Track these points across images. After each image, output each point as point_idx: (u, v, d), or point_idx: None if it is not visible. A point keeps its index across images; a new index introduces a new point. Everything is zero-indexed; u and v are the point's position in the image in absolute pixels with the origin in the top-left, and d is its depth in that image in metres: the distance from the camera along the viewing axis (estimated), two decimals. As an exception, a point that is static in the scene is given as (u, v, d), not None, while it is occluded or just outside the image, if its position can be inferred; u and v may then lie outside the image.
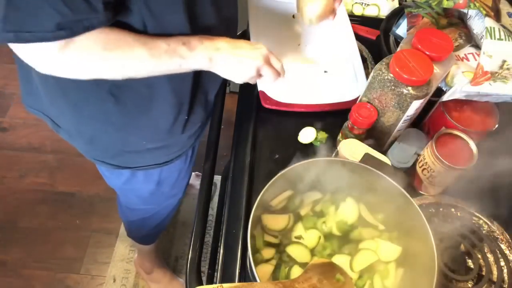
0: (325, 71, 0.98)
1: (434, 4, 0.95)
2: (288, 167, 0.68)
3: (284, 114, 0.94)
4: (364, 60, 1.02)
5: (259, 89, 0.95)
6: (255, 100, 0.96)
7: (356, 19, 1.14)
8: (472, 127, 0.82)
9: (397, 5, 1.16)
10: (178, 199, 1.23)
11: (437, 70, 0.76)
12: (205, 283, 0.77)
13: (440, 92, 0.85)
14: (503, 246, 0.77)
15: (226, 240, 0.78)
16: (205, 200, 0.84)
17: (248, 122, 0.94)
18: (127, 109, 0.80)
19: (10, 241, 1.67)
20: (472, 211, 0.81)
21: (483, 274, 0.74)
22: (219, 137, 0.94)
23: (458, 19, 0.96)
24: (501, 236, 0.78)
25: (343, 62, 1.00)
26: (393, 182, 0.68)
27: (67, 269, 1.63)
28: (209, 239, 0.92)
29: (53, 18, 0.58)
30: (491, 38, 0.82)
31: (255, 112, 0.95)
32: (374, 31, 1.10)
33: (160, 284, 1.58)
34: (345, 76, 0.98)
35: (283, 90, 0.94)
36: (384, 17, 1.12)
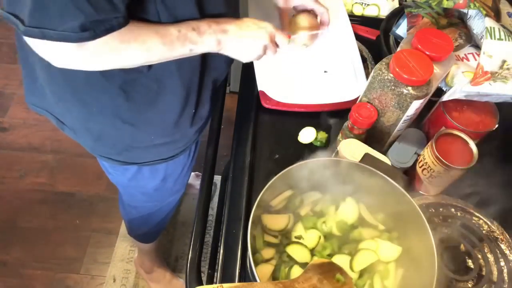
0: (325, 71, 0.98)
1: (434, 4, 0.96)
2: (288, 167, 0.68)
3: (284, 114, 0.94)
4: (364, 60, 1.02)
5: (259, 89, 0.95)
6: (255, 100, 0.96)
7: (356, 19, 1.14)
8: (472, 127, 0.82)
9: (397, 5, 1.16)
10: (181, 195, 1.23)
11: (437, 70, 0.76)
12: (205, 283, 0.77)
13: (440, 92, 0.85)
14: (503, 246, 0.77)
15: (226, 240, 0.78)
16: (205, 200, 0.84)
17: (248, 122, 0.94)
18: (136, 103, 0.81)
19: (10, 241, 1.67)
20: (472, 211, 0.81)
21: (483, 274, 0.74)
22: (219, 137, 0.94)
23: (458, 19, 0.96)
24: (501, 236, 0.78)
25: (343, 62, 1.00)
26: (393, 182, 0.68)
27: (67, 269, 1.63)
28: (209, 239, 0.92)
29: (77, 17, 0.58)
30: (491, 38, 0.82)
31: (255, 112, 0.95)
32: (374, 31, 1.10)
33: (160, 284, 1.58)
34: (345, 76, 0.98)
35: (283, 90, 0.94)
36: (384, 17, 1.12)
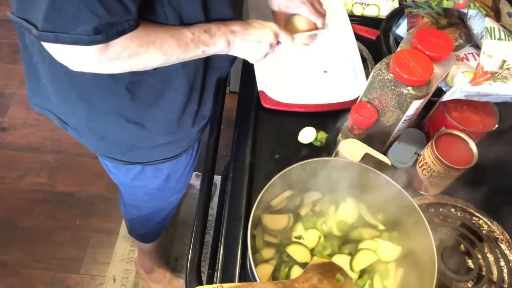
0: (325, 71, 0.98)
1: (434, 4, 0.95)
2: (288, 167, 0.68)
3: (284, 114, 0.94)
4: (364, 60, 1.02)
5: (259, 89, 0.95)
6: (255, 100, 0.96)
7: (356, 19, 1.14)
8: (472, 127, 0.82)
9: (397, 5, 1.16)
10: (182, 194, 1.24)
11: (437, 70, 0.76)
12: (205, 283, 0.77)
13: (440, 92, 0.85)
14: (503, 246, 0.77)
15: (226, 240, 0.78)
16: (205, 200, 0.84)
17: (248, 122, 0.94)
18: (141, 103, 0.81)
19: (10, 241, 1.67)
20: (472, 211, 0.81)
21: (483, 274, 0.74)
22: (219, 137, 0.94)
23: (458, 19, 0.96)
24: (501, 236, 0.78)
25: (343, 62, 1.00)
26: (393, 182, 0.68)
27: (67, 269, 1.63)
28: (209, 239, 0.92)
29: (91, 21, 0.59)
30: (491, 38, 0.82)
31: (255, 112, 0.95)
32: (374, 31, 1.10)
33: (160, 284, 1.58)
34: (345, 76, 0.97)
35: (283, 90, 0.94)
36: (384, 17, 1.12)
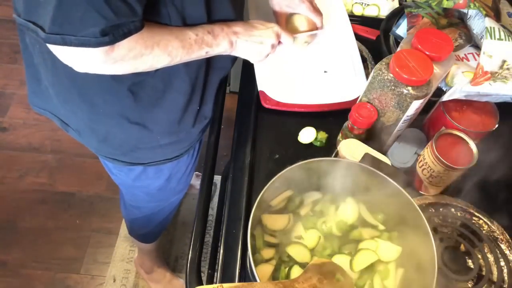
0: (325, 71, 0.98)
1: (434, 4, 0.96)
2: (288, 167, 0.68)
3: (284, 114, 0.94)
4: (364, 60, 1.02)
5: (259, 89, 0.95)
6: (255, 100, 0.96)
7: (356, 19, 1.14)
8: (472, 127, 0.82)
9: (397, 5, 1.16)
10: (183, 195, 1.24)
11: (437, 70, 0.76)
12: (205, 283, 0.77)
13: (440, 92, 0.85)
14: (503, 246, 0.77)
15: (226, 240, 0.78)
16: (205, 200, 0.84)
17: (248, 122, 0.94)
18: (143, 103, 0.81)
19: (10, 241, 1.67)
20: (472, 211, 0.81)
21: (483, 274, 0.74)
22: (219, 137, 0.94)
23: (458, 19, 0.97)
24: (501, 236, 0.78)
25: (343, 62, 1.00)
26: (393, 182, 0.68)
27: (67, 269, 1.63)
28: (209, 239, 0.92)
29: (99, 23, 0.59)
30: (491, 38, 0.82)
31: (255, 112, 0.95)
32: (374, 31, 1.10)
33: (160, 284, 1.58)
34: (345, 76, 0.97)
35: (283, 90, 0.94)
36: (384, 17, 1.12)
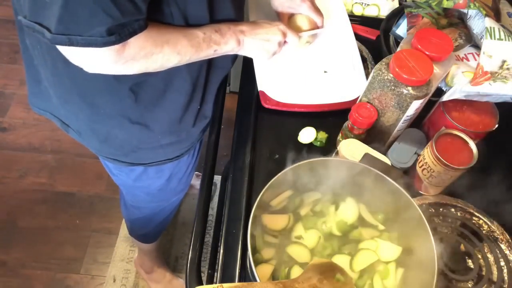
0: (325, 71, 0.98)
1: (434, 4, 0.96)
2: (288, 167, 0.68)
3: (284, 114, 0.94)
4: (364, 60, 1.02)
5: (259, 89, 0.95)
6: (255, 100, 0.96)
7: (356, 19, 1.14)
8: (472, 127, 0.81)
9: (397, 5, 1.16)
10: (183, 195, 1.24)
11: (437, 70, 0.76)
12: (205, 283, 0.77)
13: (440, 92, 0.85)
14: (503, 246, 0.77)
15: (226, 240, 0.78)
16: (205, 200, 0.84)
17: (248, 122, 0.94)
18: (144, 103, 0.81)
19: (10, 241, 1.67)
20: (472, 211, 0.81)
21: (483, 274, 0.74)
22: (219, 137, 0.94)
23: (458, 19, 0.96)
24: (501, 236, 0.78)
25: (343, 62, 1.00)
26: (393, 182, 0.68)
27: (67, 269, 1.63)
28: (209, 239, 0.92)
29: (105, 22, 0.58)
30: (491, 38, 0.82)
31: (255, 112, 0.95)
32: (374, 31, 1.10)
33: (160, 284, 1.58)
34: (345, 76, 0.97)
35: (283, 90, 0.94)
36: (384, 17, 1.12)
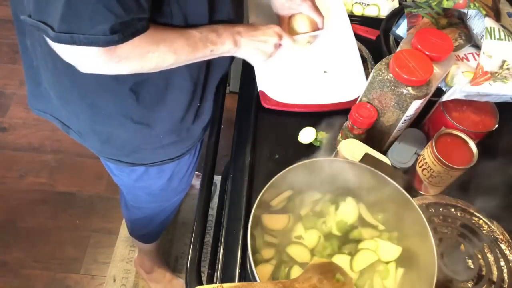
0: (325, 71, 0.98)
1: (434, 4, 0.95)
2: (288, 167, 0.68)
3: (284, 114, 0.94)
4: (364, 60, 1.02)
5: (259, 89, 0.95)
6: (255, 100, 0.96)
7: (356, 19, 1.14)
8: (472, 127, 0.81)
9: (397, 5, 1.16)
10: (184, 195, 1.24)
11: (437, 70, 0.76)
12: (205, 283, 0.77)
13: (440, 92, 0.85)
14: (503, 246, 0.77)
15: (226, 240, 0.78)
16: (205, 200, 0.84)
17: (248, 122, 0.94)
18: (145, 102, 0.81)
19: (10, 241, 1.67)
20: (472, 211, 0.81)
21: (483, 274, 0.74)
22: (219, 137, 0.94)
23: (458, 19, 0.96)
24: (501, 236, 0.78)
25: (343, 62, 1.00)
26: (393, 182, 0.68)
27: (67, 269, 1.63)
28: (209, 239, 0.92)
29: (108, 20, 0.58)
30: (491, 38, 0.82)
31: (255, 112, 0.95)
32: (374, 31, 1.10)
33: (160, 284, 1.58)
34: (345, 76, 0.97)
35: (283, 90, 0.94)
36: (384, 17, 1.12)
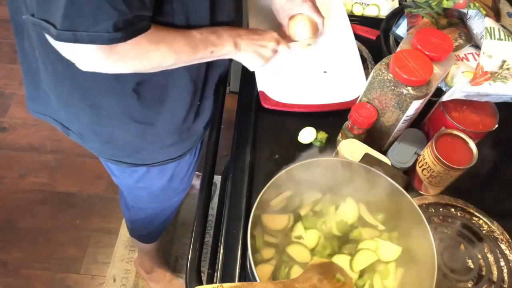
0: (325, 71, 0.98)
1: (434, 4, 0.96)
2: (288, 167, 0.68)
3: (284, 114, 0.94)
4: (364, 60, 1.02)
5: (259, 89, 0.95)
6: (255, 100, 0.96)
7: (356, 19, 1.14)
8: (472, 127, 0.81)
9: (397, 5, 1.16)
10: (185, 195, 1.24)
11: (437, 70, 0.76)
12: (205, 283, 0.77)
13: (440, 92, 0.85)
14: (503, 246, 0.77)
15: (226, 240, 0.78)
16: (205, 200, 0.84)
17: (248, 122, 0.94)
18: (147, 102, 0.81)
19: (10, 241, 1.67)
20: (472, 211, 0.81)
21: (483, 274, 0.74)
22: (219, 137, 0.94)
23: (458, 19, 0.96)
24: (501, 236, 0.78)
25: (343, 62, 1.00)
26: (393, 182, 0.68)
27: (67, 269, 1.63)
28: (209, 239, 0.92)
29: (111, 16, 0.57)
30: (491, 38, 0.82)
31: (255, 112, 0.95)
32: (374, 31, 1.10)
33: (160, 284, 1.58)
34: (345, 76, 0.97)
35: (283, 90, 0.94)
36: (384, 17, 1.12)
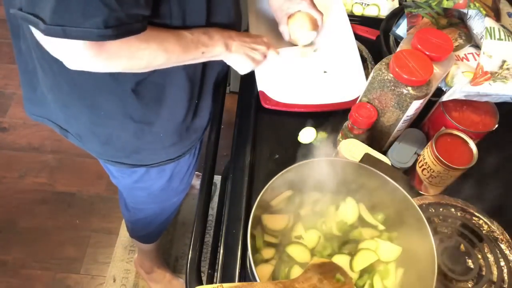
0: (325, 71, 0.98)
1: (434, 4, 0.96)
2: (288, 167, 0.68)
3: (284, 114, 0.94)
4: (364, 60, 1.02)
5: (259, 89, 0.95)
6: (255, 100, 0.96)
7: (356, 19, 1.14)
8: (472, 127, 0.81)
9: (397, 5, 1.16)
10: (184, 195, 1.24)
11: (437, 70, 0.76)
12: (205, 283, 0.77)
13: (440, 92, 0.85)
14: (503, 246, 0.77)
15: (226, 240, 0.78)
16: (205, 200, 0.84)
17: (248, 122, 0.94)
18: (145, 101, 0.81)
19: (10, 241, 1.67)
20: (472, 211, 0.81)
21: (483, 274, 0.74)
22: (219, 137, 0.94)
23: (458, 19, 0.97)
24: (501, 236, 0.78)
25: (343, 62, 1.00)
26: (393, 182, 0.68)
27: (67, 269, 1.63)
28: (209, 239, 0.92)
29: (101, 13, 0.56)
30: (491, 38, 0.82)
31: (255, 112, 0.95)
32: (374, 31, 1.10)
33: (160, 284, 1.58)
34: (345, 76, 0.97)
35: (283, 90, 0.94)
36: (384, 17, 1.12)
